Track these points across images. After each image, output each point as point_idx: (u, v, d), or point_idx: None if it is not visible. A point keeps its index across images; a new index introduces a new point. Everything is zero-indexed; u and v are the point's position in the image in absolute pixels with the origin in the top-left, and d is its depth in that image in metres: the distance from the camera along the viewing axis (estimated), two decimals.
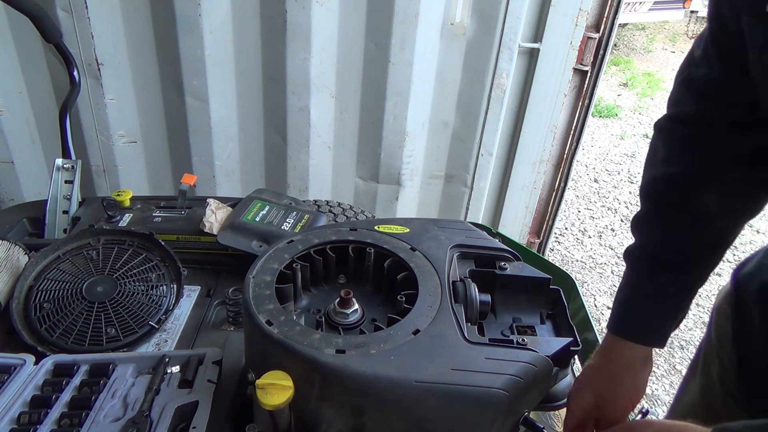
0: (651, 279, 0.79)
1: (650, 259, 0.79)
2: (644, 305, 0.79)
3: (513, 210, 2.35)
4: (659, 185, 0.79)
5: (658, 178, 0.79)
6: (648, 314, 0.78)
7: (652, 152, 0.81)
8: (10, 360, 0.79)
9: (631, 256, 0.82)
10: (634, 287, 0.80)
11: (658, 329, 0.78)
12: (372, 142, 2.05)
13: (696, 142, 0.75)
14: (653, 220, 0.80)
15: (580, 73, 2.08)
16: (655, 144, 0.81)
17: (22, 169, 1.99)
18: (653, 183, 0.80)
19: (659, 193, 0.79)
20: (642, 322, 0.78)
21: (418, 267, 0.78)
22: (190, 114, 1.90)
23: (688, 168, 0.76)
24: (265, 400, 0.61)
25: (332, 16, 1.79)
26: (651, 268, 0.79)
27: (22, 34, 1.75)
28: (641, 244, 0.81)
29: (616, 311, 0.81)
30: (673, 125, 0.78)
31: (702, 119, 0.74)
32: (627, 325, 0.79)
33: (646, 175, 0.81)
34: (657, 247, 0.79)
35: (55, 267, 0.98)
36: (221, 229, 1.10)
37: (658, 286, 0.78)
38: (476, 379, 0.62)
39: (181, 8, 1.70)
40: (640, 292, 0.79)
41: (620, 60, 6.31)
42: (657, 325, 0.78)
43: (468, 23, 1.88)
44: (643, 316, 0.78)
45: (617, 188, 3.98)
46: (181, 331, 0.97)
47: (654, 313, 0.78)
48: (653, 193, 0.80)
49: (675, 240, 0.77)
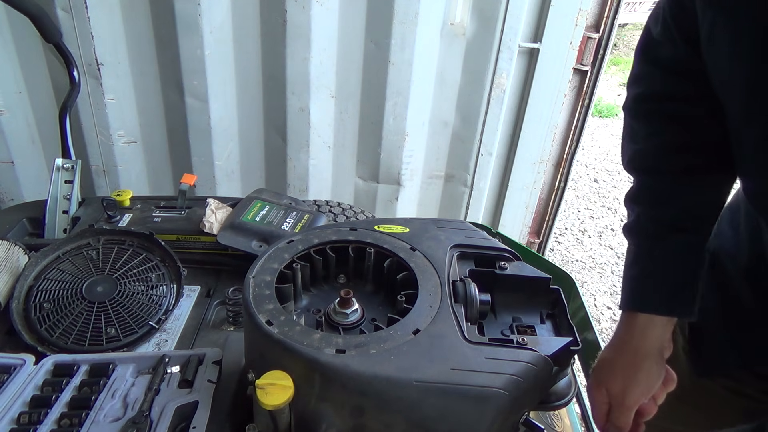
0: (662, 245, 0.75)
1: (656, 225, 0.76)
2: (660, 272, 0.75)
3: (513, 210, 2.35)
4: (648, 157, 0.77)
5: (645, 150, 0.77)
6: (662, 281, 0.75)
7: (630, 132, 0.79)
8: (10, 360, 0.79)
9: (633, 230, 0.78)
10: (645, 258, 0.77)
11: (680, 295, 0.74)
12: (372, 142, 2.05)
13: (673, 115, 0.74)
14: (648, 188, 0.77)
15: (580, 73, 2.08)
16: (630, 125, 0.79)
17: (22, 169, 2.00)
18: (641, 155, 0.78)
19: (650, 163, 0.77)
20: (662, 290, 0.74)
21: (418, 267, 0.78)
22: (190, 114, 1.90)
23: (673, 138, 0.74)
24: (265, 400, 0.61)
25: (332, 16, 1.79)
26: (659, 235, 0.75)
27: (22, 34, 1.75)
28: (642, 215, 0.78)
29: (628, 289, 0.77)
30: (646, 104, 0.77)
31: (673, 93, 0.74)
32: (644, 299, 0.75)
33: (630, 151, 0.79)
34: (656, 211, 0.76)
35: (55, 267, 0.98)
36: (221, 229, 1.10)
37: (671, 250, 0.75)
38: (476, 378, 0.62)
39: (181, 8, 1.70)
40: (654, 261, 0.76)
41: (620, 60, 6.31)
42: (678, 291, 0.74)
43: (468, 23, 1.88)
44: (662, 283, 0.75)
45: (617, 188, 3.98)
46: (181, 331, 0.97)
47: (668, 279, 0.74)
48: (643, 163, 0.78)
49: (677, 202, 0.75)
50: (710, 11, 0.59)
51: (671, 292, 0.75)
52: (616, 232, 3.48)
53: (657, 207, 0.76)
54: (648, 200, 0.77)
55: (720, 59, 0.61)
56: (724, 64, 0.61)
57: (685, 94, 0.73)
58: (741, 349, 0.80)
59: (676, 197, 0.75)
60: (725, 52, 0.59)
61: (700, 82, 0.68)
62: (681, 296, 0.75)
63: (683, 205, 0.75)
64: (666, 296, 0.75)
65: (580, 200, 3.81)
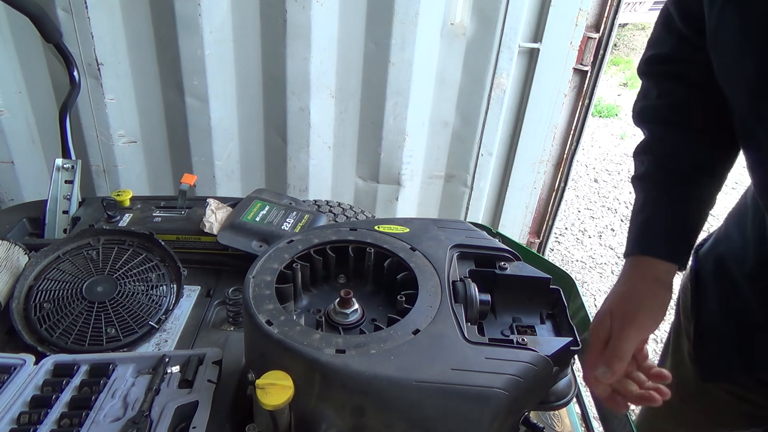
0: (667, 193, 0.76)
1: (664, 173, 0.77)
2: (665, 219, 0.76)
3: (513, 210, 2.35)
4: (657, 110, 0.79)
5: (656, 106, 0.79)
6: (670, 227, 0.75)
7: (642, 93, 0.81)
8: (10, 360, 0.79)
9: (641, 180, 0.79)
10: (651, 205, 0.77)
11: (681, 243, 0.75)
12: (372, 142, 2.05)
13: (682, 75, 0.76)
14: (658, 140, 0.79)
15: (580, 73, 2.08)
16: (643, 87, 0.81)
17: (22, 169, 2.00)
18: (650, 109, 0.79)
19: (661, 115, 0.78)
20: (665, 236, 0.75)
21: (418, 267, 0.78)
22: (190, 114, 1.90)
23: (682, 98, 0.76)
24: (265, 400, 0.61)
25: (332, 16, 1.79)
26: (665, 183, 0.77)
27: (22, 34, 1.75)
28: (651, 164, 0.79)
29: (634, 234, 0.78)
30: (657, 66, 0.79)
31: (682, 55, 0.76)
32: (649, 243, 0.76)
33: (640, 106, 0.81)
34: (668, 162, 0.77)
35: (55, 267, 0.98)
36: (221, 229, 1.10)
37: (675, 199, 0.76)
38: (476, 378, 0.62)
39: (181, 8, 1.70)
40: (659, 208, 0.77)
41: (620, 60, 6.31)
42: (679, 239, 0.75)
43: (468, 23, 1.88)
44: (665, 229, 0.76)
45: (617, 188, 3.98)
46: (181, 331, 0.97)
47: (675, 226, 0.75)
48: (653, 117, 0.79)
49: (684, 153, 0.76)
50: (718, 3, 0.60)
51: (673, 239, 0.75)
52: (616, 232, 3.48)
53: (668, 156, 0.77)
54: (659, 150, 0.78)
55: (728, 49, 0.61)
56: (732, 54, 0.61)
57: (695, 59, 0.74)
58: (745, 354, 0.80)
59: (686, 149, 0.76)
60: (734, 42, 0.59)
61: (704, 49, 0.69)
62: (682, 244, 0.75)
63: (693, 157, 0.76)
64: (668, 241, 0.75)
65: (580, 200, 3.81)
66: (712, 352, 0.85)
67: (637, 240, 0.77)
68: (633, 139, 4.73)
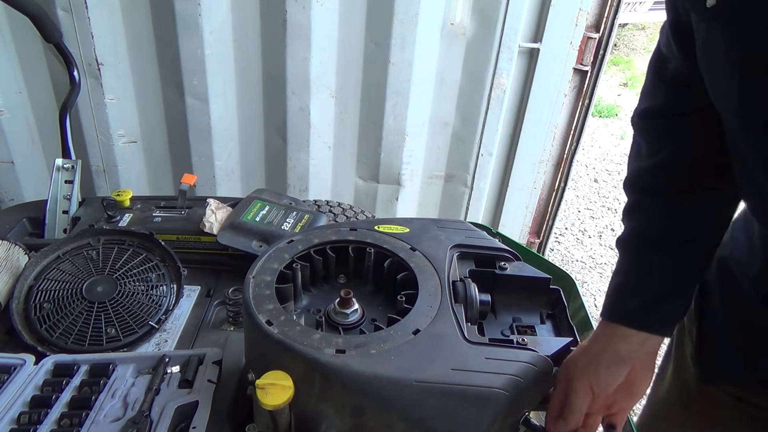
0: (640, 260, 0.77)
1: (638, 241, 0.78)
2: (635, 286, 0.77)
3: (513, 210, 2.35)
4: (643, 176, 0.79)
5: (642, 169, 0.79)
6: (639, 294, 0.76)
7: (635, 149, 0.82)
8: (10, 360, 0.79)
9: (621, 243, 0.81)
10: (625, 271, 0.78)
11: (652, 311, 0.75)
12: (372, 142, 2.05)
13: (671, 130, 0.76)
14: (640, 208, 0.80)
15: (580, 73, 2.08)
16: (636, 141, 0.81)
17: (22, 169, 1.99)
18: (637, 174, 0.80)
19: (644, 182, 0.79)
20: (635, 304, 0.76)
21: (418, 267, 0.78)
22: (190, 114, 1.90)
23: (669, 156, 0.76)
24: (265, 400, 0.61)
25: (332, 16, 1.79)
26: (639, 250, 0.77)
27: (22, 34, 1.75)
28: (630, 230, 0.80)
29: (608, 298, 0.79)
30: (648, 120, 0.79)
31: (673, 108, 0.76)
32: (619, 309, 0.76)
33: (630, 169, 0.82)
34: (644, 230, 0.78)
35: (55, 267, 0.98)
36: (221, 229, 1.10)
37: (648, 265, 0.76)
38: (476, 378, 0.62)
39: (181, 8, 1.70)
40: (631, 274, 0.78)
41: (620, 60, 6.31)
42: (650, 306, 0.75)
43: (468, 23, 1.88)
44: (635, 296, 0.76)
45: (617, 188, 3.98)
46: (181, 331, 0.97)
47: (645, 293, 0.76)
48: (638, 183, 0.80)
49: (661, 221, 0.77)
50: (704, 23, 0.60)
51: (646, 307, 0.76)
52: (616, 232, 3.48)
53: (644, 224, 0.78)
54: (637, 217, 0.80)
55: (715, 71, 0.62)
56: (719, 75, 0.62)
57: (686, 108, 0.74)
58: (747, 356, 0.80)
59: (664, 217, 0.77)
60: (719, 64, 0.60)
61: (701, 96, 0.69)
62: (656, 313, 0.76)
63: (668, 225, 0.76)
64: (641, 311, 0.76)
65: (580, 200, 3.81)
66: (714, 354, 0.85)
67: (608, 305, 0.78)
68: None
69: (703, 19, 0.60)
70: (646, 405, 1.06)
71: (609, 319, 0.77)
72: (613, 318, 0.76)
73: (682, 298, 0.77)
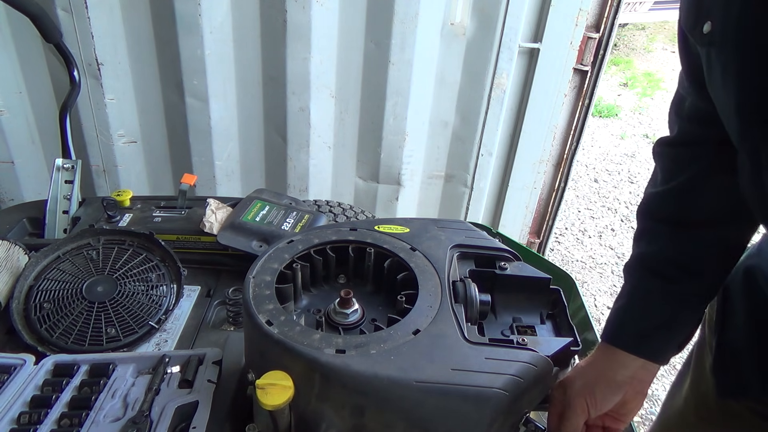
0: (641, 287, 0.79)
1: (642, 267, 0.80)
2: (634, 312, 0.79)
3: (513, 210, 2.35)
4: (653, 202, 0.82)
5: (654, 195, 0.82)
6: (638, 321, 0.78)
7: (652, 177, 0.85)
8: (10, 360, 0.79)
9: (627, 269, 0.83)
10: (626, 296, 0.81)
11: (649, 339, 0.77)
12: (372, 142, 2.05)
13: (688, 160, 0.78)
14: (648, 234, 0.82)
15: (580, 73, 2.08)
16: (654, 170, 0.84)
17: (22, 169, 2.00)
18: (650, 199, 0.83)
19: (655, 208, 0.82)
20: (632, 330, 0.78)
21: (418, 267, 0.78)
22: (190, 114, 1.90)
23: (679, 184, 0.78)
24: (265, 400, 0.61)
25: (332, 16, 1.79)
26: (642, 277, 0.79)
27: (22, 34, 1.75)
28: (635, 256, 0.82)
29: (608, 322, 0.81)
30: (664, 148, 0.82)
31: (691, 139, 0.78)
32: (617, 333, 0.79)
33: (645, 195, 0.84)
34: (648, 257, 0.80)
35: (55, 267, 0.98)
36: (221, 229, 1.10)
37: (648, 293, 0.78)
38: (476, 379, 0.62)
39: (181, 8, 1.70)
40: (632, 300, 0.80)
41: (620, 60, 6.31)
42: (647, 334, 0.77)
43: (468, 23, 1.88)
44: (633, 323, 0.78)
45: (617, 188, 3.98)
46: (181, 331, 0.97)
47: (643, 321, 0.78)
48: (649, 209, 0.82)
49: (666, 250, 0.79)
50: (704, 49, 0.64)
51: (643, 335, 0.78)
52: (616, 232, 3.48)
53: (650, 251, 0.80)
54: (644, 244, 0.81)
55: (717, 93, 0.65)
56: (720, 97, 0.65)
57: (703, 141, 0.76)
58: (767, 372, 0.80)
59: (670, 246, 0.78)
60: (719, 85, 0.63)
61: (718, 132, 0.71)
62: (651, 341, 0.78)
63: (673, 254, 0.78)
64: (638, 337, 0.78)
65: (580, 200, 3.81)
66: (734, 367, 0.84)
67: (607, 328, 0.80)
68: (633, 138, 4.73)
69: (703, 45, 0.64)
70: (661, 414, 1.06)
71: (608, 342, 0.79)
72: (612, 341, 0.78)
73: (681, 327, 0.78)
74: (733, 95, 0.61)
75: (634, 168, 4.24)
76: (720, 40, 0.60)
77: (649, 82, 5.76)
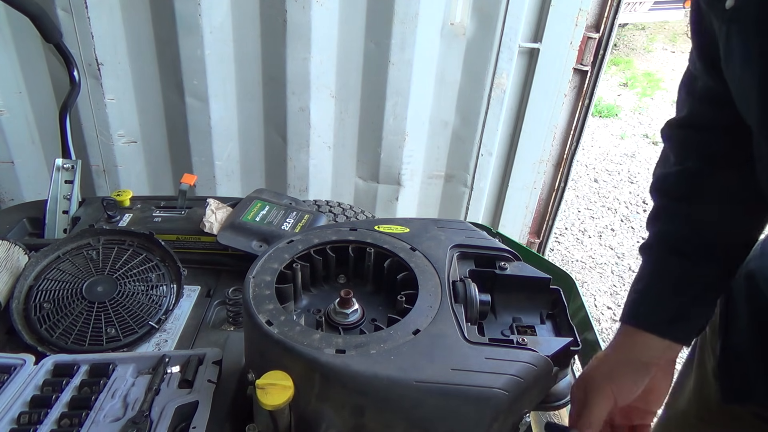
0: (662, 267, 0.77)
1: (661, 248, 0.78)
2: (656, 292, 0.77)
3: (513, 210, 2.35)
4: (669, 180, 0.80)
5: (668, 174, 0.80)
6: (659, 301, 0.76)
7: (662, 158, 0.83)
8: (10, 360, 0.79)
9: (646, 249, 0.81)
10: (648, 277, 0.78)
11: (671, 318, 0.75)
12: (372, 142, 2.05)
13: (693, 144, 0.77)
14: (664, 213, 0.80)
15: (580, 73, 2.08)
16: (664, 151, 0.83)
17: (22, 169, 2.00)
18: (664, 178, 0.81)
19: (669, 186, 0.80)
20: (653, 309, 0.76)
21: (418, 267, 0.78)
22: (190, 114, 1.90)
23: (695, 165, 0.77)
24: (265, 400, 0.61)
25: (332, 16, 1.79)
26: (663, 258, 0.77)
27: (22, 34, 1.75)
28: (654, 235, 0.80)
29: (628, 302, 0.79)
30: (674, 130, 0.80)
31: (696, 121, 0.77)
32: (642, 315, 0.77)
33: (656, 174, 0.82)
34: (668, 236, 0.78)
35: (55, 267, 0.98)
36: (221, 229, 1.10)
37: (669, 272, 0.76)
38: (476, 379, 0.62)
39: (181, 8, 1.70)
40: (653, 280, 0.78)
41: (620, 60, 6.31)
42: (669, 314, 0.75)
43: (468, 23, 1.88)
44: (654, 302, 0.76)
45: (617, 188, 3.98)
46: (181, 331, 0.97)
47: (665, 300, 0.76)
48: (663, 187, 0.80)
49: (685, 227, 0.77)
50: (725, 26, 0.62)
51: (668, 315, 0.76)
52: (616, 232, 3.48)
53: (668, 230, 0.78)
54: (661, 223, 0.80)
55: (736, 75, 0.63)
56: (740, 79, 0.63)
57: (715, 123, 0.75)
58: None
59: (688, 223, 0.77)
60: (739, 66, 0.61)
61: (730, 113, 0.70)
62: (679, 321, 0.76)
63: (692, 231, 0.76)
64: (665, 319, 0.76)
65: (580, 200, 3.81)
66: (737, 372, 0.83)
67: (630, 311, 0.79)
68: (633, 138, 4.73)
69: (723, 22, 0.62)
70: (663, 415, 1.05)
71: (631, 324, 0.77)
72: (635, 323, 0.76)
73: (705, 308, 0.77)
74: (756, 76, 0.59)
75: (634, 168, 4.24)
76: (743, 17, 0.58)
77: (649, 82, 5.77)
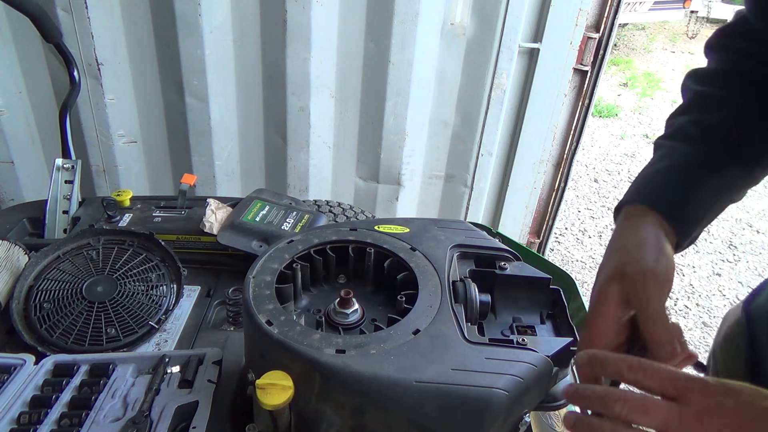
0: (674, 152, 0.74)
1: (677, 138, 0.75)
2: (663, 172, 0.73)
3: (513, 210, 2.35)
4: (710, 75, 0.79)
5: (709, 70, 0.79)
6: (665, 180, 0.72)
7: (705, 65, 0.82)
8: (10, 360, 0.79)
9: (668, 137, 0.78)
10: (658, 160, 0.75)
11: (675, 199, 0.70)
12: (372, 142, 2.05)
13: (745, 53, 0.76)
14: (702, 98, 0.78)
15: (580, 73, 2.08)
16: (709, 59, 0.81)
17: (22, 169, 2.00)
18: (703, 72, 0.80)
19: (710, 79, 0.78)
20: (659, 187, 0.71)
21: (418, 267, 0.78)
22: (190, 114, 1.90)
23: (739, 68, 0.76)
24: (265, 400, 0.61)
25: (332, 16, 1.79)
26: (673, 146, 0.75)
27: (22, 34, 1.75)
28: (687, 122, 0.77)
29: (633, 184, 0.75)
30: (725, 38, 0.79)
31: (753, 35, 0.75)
32: (641, 192, 0.72)
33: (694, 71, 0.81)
34: (685, 132, 0.75)
35: (55, 267, 0.98)
36: (221, 229, 1.10)
37: (680, 155, 0.73)
38: (476, 379, 0.62)
39: (181, 8, 1.70)
40: (662, 163, 0.74)
41: (620, 60, 6.31)
42: (674, 194, 0.70)
43: (468, 23, 1.88)
44: (661, 181, 0.72)
45: (617, 188, 3.98)
46: (181, 331, 0.97)
47: (671, 179, 0.72)
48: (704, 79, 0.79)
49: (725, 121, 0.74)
50: None
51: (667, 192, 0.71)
52: None
53: (705, 114, 0.75)
54: (700, 108, 0.77)
55: None
56: None
57: (758, 40, 0.74)
58: None
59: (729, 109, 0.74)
60: None
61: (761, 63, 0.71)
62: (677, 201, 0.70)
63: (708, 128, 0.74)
64: (660, 193, 0.71)
65: (580, 200, 3.81)
66: None
67: (632, 191, 0.73)
68: (633, 138, 4.73)
69: None
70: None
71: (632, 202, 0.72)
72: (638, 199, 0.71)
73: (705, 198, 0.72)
74: None
75: (634, 168, 4.24)
76: None
77: (649, 82, 5.77)
